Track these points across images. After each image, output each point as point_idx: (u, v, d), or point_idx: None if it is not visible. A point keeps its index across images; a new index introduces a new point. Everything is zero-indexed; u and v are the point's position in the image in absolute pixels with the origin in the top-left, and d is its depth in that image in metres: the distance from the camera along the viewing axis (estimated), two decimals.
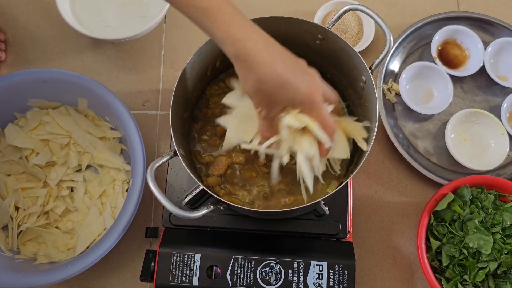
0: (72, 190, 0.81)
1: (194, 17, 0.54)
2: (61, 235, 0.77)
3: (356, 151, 0.72)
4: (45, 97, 0.79)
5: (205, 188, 0.62)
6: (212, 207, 0.59)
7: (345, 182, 0.64)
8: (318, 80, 0.57)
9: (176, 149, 0.60)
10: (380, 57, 0.65)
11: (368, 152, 0.61)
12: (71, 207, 0.78)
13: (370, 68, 0.64)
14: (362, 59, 0.64)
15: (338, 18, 0.67)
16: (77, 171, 0.82)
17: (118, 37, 0.86)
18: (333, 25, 0.67)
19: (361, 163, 0.61)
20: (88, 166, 0.83)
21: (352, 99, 0.73)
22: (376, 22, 0.65)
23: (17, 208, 0.78)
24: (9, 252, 0.75)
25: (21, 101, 0.81)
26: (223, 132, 0.73)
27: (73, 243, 0.77)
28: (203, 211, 0.58)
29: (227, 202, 0.59)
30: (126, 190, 0.79)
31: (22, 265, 0.73)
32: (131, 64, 0.93)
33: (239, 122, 0.64)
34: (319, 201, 0.63)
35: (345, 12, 0.67)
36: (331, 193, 0.62)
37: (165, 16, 0.93)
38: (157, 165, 0.59)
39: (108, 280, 0.80)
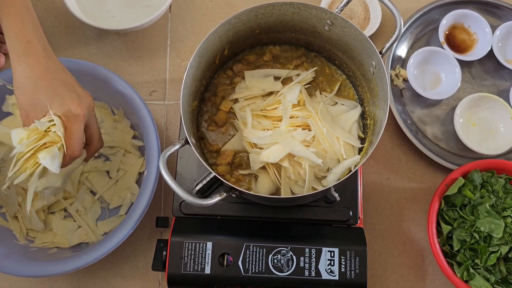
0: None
1: None
2: None
3: (365, 140, 0.72)
4: None
5: (217, 175, 0.61)
6: (224, 194, 0.59)
7: (355, 169, 0.64)
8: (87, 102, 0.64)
9: (188, 138, 0.60)
10: (391, 40, 0.64)
11: (378, 139, 0.61)
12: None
13: (380, 52, 0.64)
14: (372, 43, 0.63)
15: (347, 3, 0.66)
16: None
17: (123, 27, 0.85)
18: (342, 10, 0.67)
19: (371, 151, 0.61)
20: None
21: (361, 84, 0.73)
22: (385, 5, 0.64)
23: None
24: (24, 241, 0.75)
25: None
26: (223, 122, 0.73)
27: None
28: (216, 199, 0.57)
29: (239, 189, 0.59)
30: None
31: (37, 254, 0.73)
32: (137, 55, 0.92)
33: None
34: (329, 188, 0.63)
35: None
36: (341, 180, 0.62)
37: (170, 5, 0.92)
38: (168, 153, 0.59)
39: (120, 270, 0.80)
